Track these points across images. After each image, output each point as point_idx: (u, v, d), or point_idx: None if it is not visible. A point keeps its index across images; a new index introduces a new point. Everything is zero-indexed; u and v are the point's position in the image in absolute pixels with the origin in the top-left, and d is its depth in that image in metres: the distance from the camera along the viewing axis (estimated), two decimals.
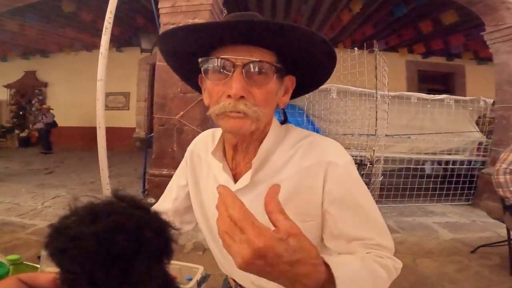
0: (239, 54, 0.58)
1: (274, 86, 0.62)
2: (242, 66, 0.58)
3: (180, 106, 3.27)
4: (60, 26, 6.98)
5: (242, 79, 0.58)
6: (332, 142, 0.67)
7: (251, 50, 0.59)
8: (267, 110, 0.63)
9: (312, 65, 0.66)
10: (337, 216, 0.63)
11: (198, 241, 2.69)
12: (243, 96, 0.58)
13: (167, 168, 3.26)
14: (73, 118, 9.08)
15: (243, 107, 0.58)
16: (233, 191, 0.66)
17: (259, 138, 0.67)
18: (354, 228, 0.63)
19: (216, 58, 0.59)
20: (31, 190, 4.26)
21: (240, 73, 0.58)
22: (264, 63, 0.59)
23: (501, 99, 4.07)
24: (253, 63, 0.58)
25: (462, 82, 8.85)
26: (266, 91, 0.60)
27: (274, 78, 0.61)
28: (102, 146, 2.32)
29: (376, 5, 5.64)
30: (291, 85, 0.69)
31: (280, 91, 0.66)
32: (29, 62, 9.85)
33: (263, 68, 0.59)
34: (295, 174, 0.64)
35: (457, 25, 5.87)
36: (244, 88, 0.58)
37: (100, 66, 2.28)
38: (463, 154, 4.52)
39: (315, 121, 4.29)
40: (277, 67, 0.61)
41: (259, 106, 0.60)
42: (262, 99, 0.60)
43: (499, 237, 2.86)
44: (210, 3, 3.23)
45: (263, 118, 0.62)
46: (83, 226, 0.22)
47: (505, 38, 3.91)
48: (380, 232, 0.64)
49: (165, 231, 0.25)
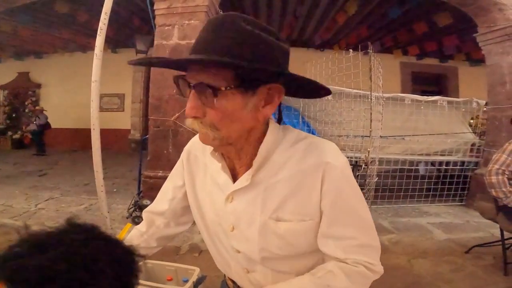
0: (193, 74, 0.59)
1: (233, 104, 0.58)
2: (193, 86, 0.58)
3: (176, 107, 3.26)
4: (54, 27, 6.92)
5: (194, 99, 0.58)
6: (330, 144, 0.68)
7: (204, 70, 0.57)
8: (230, 128, 0.60)
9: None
10: (330, 216, 0.64)
11: (194, 242, 2.68)
12: (196, 116, 0.59)
13: (163, 170, 3.24)
14: (67, 119, 8.99)
15: (197, 126, 0.60)
16: (232, 191, 0.68)
17: (252, 142, 0.66)
18: (343, 228, 0.65)
19: (179, 77, 0.61)
20: (24, 192, 4.21)
21: (194, 93, 0.58)
22: (204, 85, 0.56)
23: (493, 100, 4.12)
24: (198, 84, 0.57)
25: (455, 83, 8.95)
26: (220, 111, 0.58)
27: (234, 96, 0.58)
28: (97, 148, 2.30)
29: (371, 7, 5.68)
30: (277, 93, 0.62)
31: (251, 104, 0.60)
32: (23, 63, 9.74)
33: (206, 90, 0.57)
34: (294, 175, 0.65)
35: (450, 26, 5.94)
36: (197, 108, 0.59)
37: (94, 67, 2.27)
38: (456, 155, 4.57)
39: (310, 122, 4.31)
40: (234, 85, 0.57)
41: (216, 128, 0.59)
42: (216, 119, 0.59)
43: (492, 237, 2.90)
44: (206, 4, 3.23)
45: (226, 135, 0.61)
46: (28, 257, 0.20)
47: (498, 39, 3.96)
48: (368, 233, 0.67)
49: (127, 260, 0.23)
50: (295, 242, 0.66)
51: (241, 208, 0.68)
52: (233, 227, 0.70)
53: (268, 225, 0.66)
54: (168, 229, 0.87)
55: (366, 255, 0.66)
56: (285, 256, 0.68)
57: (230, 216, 0.69)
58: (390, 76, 7.19)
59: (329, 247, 0.66)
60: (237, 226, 0.69)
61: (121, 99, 9.25)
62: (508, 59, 3.89)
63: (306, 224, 0.65)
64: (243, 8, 6.01)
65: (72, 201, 3.90)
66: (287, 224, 0.65)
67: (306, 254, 0.69)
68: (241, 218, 0.68)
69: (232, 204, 0.69)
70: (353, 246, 0.65)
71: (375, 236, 0.68)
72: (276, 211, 0.65)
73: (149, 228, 0.87)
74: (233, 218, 0.69)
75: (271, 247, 0.67)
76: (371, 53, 3.28)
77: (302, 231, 0.65)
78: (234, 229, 0.70)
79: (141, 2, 5.27)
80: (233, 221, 0.69)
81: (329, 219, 0.64)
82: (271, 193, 0.66)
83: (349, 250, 0.65)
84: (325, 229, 0.65)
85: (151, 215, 0.88)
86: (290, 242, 0.66)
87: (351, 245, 0.65)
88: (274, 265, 0.70)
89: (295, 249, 0.67)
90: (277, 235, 0.66)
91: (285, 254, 0.68)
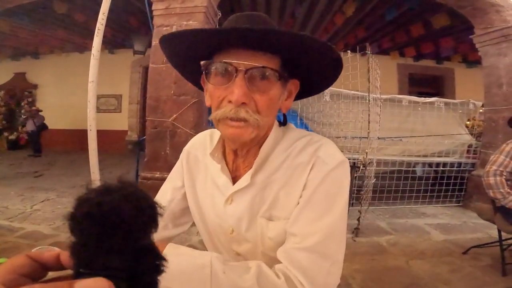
0: (242, 58, 0.56)
1: (277, 92, 0.61)
2: (244, 71, 0.56)
3: (173, 108, 3.24)
4: (51, 27, 6.89)
5: (244, 85, 0.56)
6: (328, 142, 0.67)
7: (255, 55, 0.57)
8: (269, 117, 0.62)
9: (317, 71, 0.65)
10: (300, 207, 0.60)
11: (192, 244, 2.67)
12: (245, 103, 0.57)
13: (160, 171, 3.22)
14: (64, 120, 8.94)
15: (245, 114, 0.57)
16: (232, 192, 0.67)
17: (260, 142, 0.66)
18: (303, 224, 0.59)
19: (219, 62, 0.58)
20: (20, 193, 4.17)
21: (242, 78, 0.56)
22: (268, 69, 0.57)
23: (490, 102, 4.13)
24: (256, 69, 0.56)
25: (452, 85, 9.01)
26: (269, 97, 0.59)
27: (278, 84, 0.59)
28: (93, 149, 2.28)
29: (369, 8, 5.71)
30: (295, 89, 0.67)
31: (283, 95, 0.64)
32: (19, 63, 9.68)
33: (267, 74, 0.57)
34: (287, 171, 0.64)
35: (447, 28, 5.98)
36: (246, 94, 0.57)
37: (91, 68, 2.25)
38: (453, 156, 4.59)
39: (308, 123, 4.31)
40: (281, 73, 0.59)
41: (261, 114, 0.59)
42: (264, 105, 0.59)
43: (490, 238, 2.91)
44: (204, 5, 3.22)
45: (264, 126, 0.61)
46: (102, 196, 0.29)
47: (494, 41, 3.97)
48: (328, 242, 0.57)
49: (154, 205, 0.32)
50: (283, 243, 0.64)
51: (240, 210, 0.67)
52: (232, 230, 0.69)
53: (262, 225, 0.65)
54: (166, 231, 0.85)
55: (305, 266, 0.54)
56: None
57: (230, 218, 0.69)
58: (387, 77, 7.22)
59: (288, 239, 0.60)
60: (236, 229, 0.68)
61: (118, 100, 9.21)
62: (505, 61, 3.90)
63: None
64: (241, 9, 6.02)
65: (68, 203, 3.86)
66: (274, 224, 0.63)
67: None
68: (240, 220, 0.67)
69: (231, 206, 0.68)
70: (296, 250, 0.56)
71: (335, 250, 0.58)
72: (269, 210, 0.64)
73: None
74: (232, 220, 0.68)
75: (265, 249, 0.66)
76: (369, 55, 3.28)
77: None
78: (234, 232, 0.69)
79: (138, 3, 5.25)
80: (233, 223, 0.68)
81: (296, 213, 0.60)
82: (267, 192, 0.65)
83: (289, 253, 0.56)
84: (293, 216, 0.60)
85: None
86: (279, 243, 0.62)
87: (295, 248, 0.56)
88: None
89: None
90: (268, 236, 0.64)
91: None
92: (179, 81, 3.21)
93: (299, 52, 0.58)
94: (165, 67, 3.27)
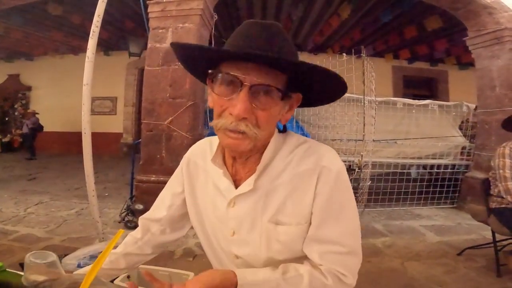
0: (248, 73, 0.57)
1: (278, 108, 0.62)
2: (249, 86, 0.57)
3: (169, 111, 3.23)
4: (46, 29, 6.84)
5: (247, 100, 0.57)
6: (327, 148, 0.69)
7: (262, 70, 0.57)
8: (268, 131, 0.64)
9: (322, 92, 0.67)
10: (318, 218, 0.65)
11: (188, 247, 2.65)
12: (245, 118, 0.58)
13: (156, 174, 3.20)
14: (58, 122, 8.86)
15: (244, 128, 0.58)
16: (235, 195, 0.68)
17: (260, 150, 0.68)
18: (328, 231, 0.65)
19: (226, 74, 0.58)
20: (14, 196, 4.12)
21: (246, 93, 0.57)
22: (273, 88, 0.58)
23: (483, 104, 4.16)
24: (261, 85, 0.57)
25: (445, 87, 9.11)
26: (270, 114, 0.60)
27: (281, 102, 0.61)
28: (88, 152, 2.27)
29: (364, 11, 5.75)
30: (297, 102, 0.68)
31: (284, 109, 0.66)
32: (13, 65, 9.60)
33: (271, 93, 0.58)
34: (292, 178, 0.66)
35: (440, 30, 6.04)
36: (248, 110, 0.57)
37: (86, 70, 2.24)
38: (447, 158, 4.63)
39: (304, 126, 4.32)
40: (286, 91, 0.60)
41: (260, 128, 0.60)
42: (264, 121, 0.60)
43: (484, 239, 2.93)
44: (201, 7, 3.22)
45: (261, 138, 0.62)
46: None
47: (487, 43, 4.00)
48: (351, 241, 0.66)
49: None
50: (294, 246, 0.67)
51: (242, 212, 0.69)
52: (233, 232, 0.70)
53: (268, 229, 0.67)
54: (164, 236, 0.86)
55: (342, 264, 0.64)
56: (285, 260, 0.68)
57: (232, 221, 0.70)
58: (382, 80, 7.28)
59: (310, 249, 0.66)
60: (237, 231, 0.70)
61: (113, 102, 9.16)
62: (498, 63, 3.93)
63: (302, 228, 0.66)
64: (237, 11, 6.03)
65: (62, 206, 3.83)
66: (285, 228, 0.66)
67: (302, 259, 0.69)
68: (242, 223, 0.69)
69: (234, 209, 0.70)
70: (331, 253, 0.64)
71: (358, 247, 0.67)
72: (276, 215, 0.66)
73: (144, 235, 0.86)
74: (234, 223, 0.70)
75: (271, 252, 0.68)
76: (364, 57, 3.31)
77: (299, 234, 0.66)
78: (235, 234, 0.70)
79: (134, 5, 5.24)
80: (234, 225, 0.70)
81: (317, 221, 0.65)
82: (271, 198, 0.67)
83: (326, 257, 0.64)
84: (312, 231, 0.65)
85: (147, 221, 0.87)
86: (289, 247, 0.67)
87: (330, 251, 0.64)
88: None
89: (294, 253, 0.68)
90: (277, 239, 0.67)
91: (285, 258, 0.68)
92: (174, 83, 3.20)
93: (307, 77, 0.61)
94: (161, 69, 3.26)
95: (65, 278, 0.62)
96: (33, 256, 0.60)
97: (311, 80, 0.62)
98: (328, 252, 0.64)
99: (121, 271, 0.84)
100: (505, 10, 3.80)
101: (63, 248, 2.54)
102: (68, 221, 3.29)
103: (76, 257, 1.74)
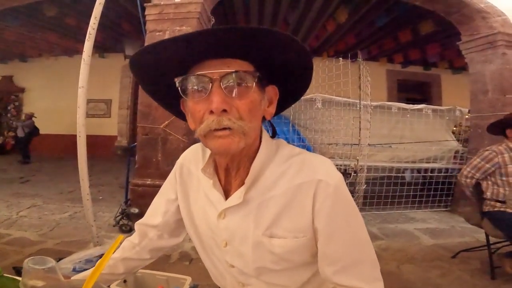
0: (215, 67, 0.57)
1: (256, 95, 0.61)
2: (219, 79, 0.56)
3: (165, 115, 3.21)
4: (41, 30, 6.79)
5: (221, 92, 0.56)
6: (323, 160, 0.67)
7: (226, 62, 0.58)
8: (253, 123, 0.61)
9: (289, 70, 0.65)
10: (324, 235, 0.63)
11: (184, 251, 2.63)
12: (225, 110, 0.57)
13: (151, 178, 3.18)
14: (51, 125, 8.72)
15: (227, 122, 0.57)
16: (224, 208, 0.67)
17: (248, 154, 0.66)
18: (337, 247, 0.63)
19: (192, 76, 0.58)
20: (6, 199, 4.06)
21: (218, 86, 0.56)
22: (241, 72, 0.57)
23: (476, 108, 4.19)
24: (230, 74, 0.57)
25: (439, 91, 9.23)
26: (249, 101, 0.59)
27: (255, 87, 0.59)
28: (82, 155, 2.24)
29: (360, 15, 5.79)
30: (275, 95, 0.67)
31: (264, 101, 0.64)
32: (6, 66, 9.49)
33: (241, 78, 0.58)
34: (286, 191, 0.64)
35: (433, 34, 6.11)
36: (225, 101, 0.56)
37: (82, 73, 2.22)
38: (441, 162, 4.67)
39: (300, 130, 4.33)
40: (256, 75, 0.59)
41: (244, 119, 0.58)
42: (246, 110, 0.58)
43: (477, 242, 2.96)
44: (198, 11, 3.23)
45: (250, 132, 0.60)
46: None
47: (480, 48, 4.02)
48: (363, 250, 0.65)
49: None
50: (289, 258, 0.66)
51: (233, 225, 0.67)
52: (226, 243, 0.69)
53: (261, 242, 0.65)
54: (162, 241, 0.85)
55: (356, 277, 0.63)
56: (280, 269, 0.67)
57: (223, 232, 0.69)
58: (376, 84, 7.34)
59: (322, 268, 0.65)
60: (230, 242, 0.69)
61: (107, 105, 9.10)
62: (491, 67, 3.95)
63: (299, 241, 0.64)
64: (234, 15, 6.06)
65: (55, 209, 3.78)
66: (280, 241, 0.64)
67: (301, 267, 0.68)
68: (234, 235, 0.67)
69: (224, 221, 0.68)
70: (343, 268, 0.63)
71: (369, 253, 0.66)
72: (269, 228, 0.65)
73: (142, 240, 0.85)
74: (226, 234, 0.68)
75: (265, 263, 0.66)
76: (360, 61, 3.34)
77: (295, 247, 0.65)
78: (228, 245, 0.69)
79: (130, 7, 5.23)
80: (226, 237, 0.69)
81: (324, 238, 0.63)
82: (264, 210, 0.65)
83: (340, 275, 0.63)
84: (321, 249, 0.64)
85: (143, 227, 0.85)
86: (284, 258, 0.66)
87: (341, 268, 0.63)
88: (269, 279, 0.69)
89: (289, 264, 0.67)
90: (271, 252, 0.65)
91: (280, 268, 0.67)
92: None
93: (265, 48, 0.58)
94: None
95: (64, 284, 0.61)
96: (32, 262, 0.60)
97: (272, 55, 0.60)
98: (340, 269, 0.63)
99: (120, 276, 0.83)
100: (499, 14, 3.86)
101: (57, 251, 2.51)
102: (61, 224, 3.25)
103: (72, 261, 1.72)
